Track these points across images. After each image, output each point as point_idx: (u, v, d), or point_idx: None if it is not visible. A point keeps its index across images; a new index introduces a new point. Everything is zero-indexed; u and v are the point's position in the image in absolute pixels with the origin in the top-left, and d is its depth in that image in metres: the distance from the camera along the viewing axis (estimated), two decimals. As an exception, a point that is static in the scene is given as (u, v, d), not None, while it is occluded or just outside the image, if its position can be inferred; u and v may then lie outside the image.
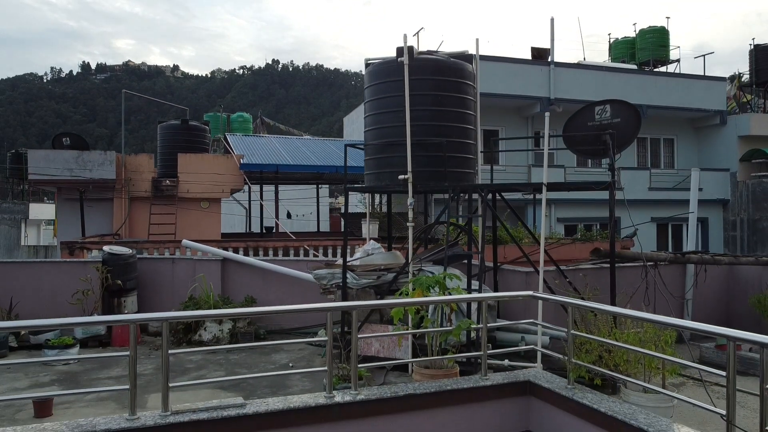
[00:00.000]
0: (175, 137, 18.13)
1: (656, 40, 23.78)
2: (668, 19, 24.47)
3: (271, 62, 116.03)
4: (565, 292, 8.14)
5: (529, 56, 20.09)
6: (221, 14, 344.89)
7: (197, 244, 11.63)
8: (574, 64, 20.66)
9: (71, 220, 16.21)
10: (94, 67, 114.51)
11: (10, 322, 8.85)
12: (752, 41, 24.70)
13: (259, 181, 18.94)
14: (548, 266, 8.38)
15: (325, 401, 3.93)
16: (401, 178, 7.94)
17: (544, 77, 18.80)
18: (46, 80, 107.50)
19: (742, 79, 25.86)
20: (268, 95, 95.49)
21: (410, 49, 8.04)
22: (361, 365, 4.47)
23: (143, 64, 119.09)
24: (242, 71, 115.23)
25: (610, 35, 26.23)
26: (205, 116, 30.32)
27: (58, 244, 15.64)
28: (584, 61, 22.43)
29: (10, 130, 74.82)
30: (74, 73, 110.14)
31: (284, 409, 3.81)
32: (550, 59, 19.18)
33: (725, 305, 11.00)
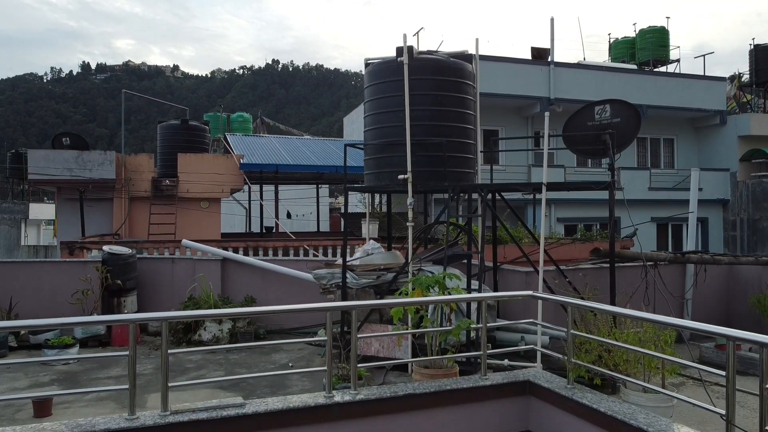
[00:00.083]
0: (175, 137, 18.14)
1: (656, 40, 23.78)
2: (668, 19, 24.49)
3: (271, 62, 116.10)
4: (564, 291, 8.14)
5: (529, 56, 20.09)
6: (221, 14, 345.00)
7: (197, 244, 11.63)
8: (574, 64, 20.66)
9: (71, 220, 16.21)
10: (94, 67, 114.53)
11: (9, 321, 8.85)
12: (752, 41, 24.74)
13: (259, 181, 18.95)
14: (548, 266, 8.38)
15: (324, 401, 3.93)
16: (401, 177, 7.94)
17: (544, 77, 18.80)
18: (46, 80, 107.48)
19: (742, 79, 25.87)
20: (268, 95, 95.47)
21: (410, 48, 8.04)
22: (360, 365, 4.47)
23: (143, 64, 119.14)
24: (242, 71, 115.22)
25: (610, 35, 26.26)
26: (205, 116, 30.31)
27: (58, 244, 15.65)
28: (584, 61, 22.43)
29: (10, 130, 74.81)
30: (74, 73, 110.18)
31: (284, 408, 3.81)
32: (550, 59, 19.18)
33: (725, 305, 11.00)
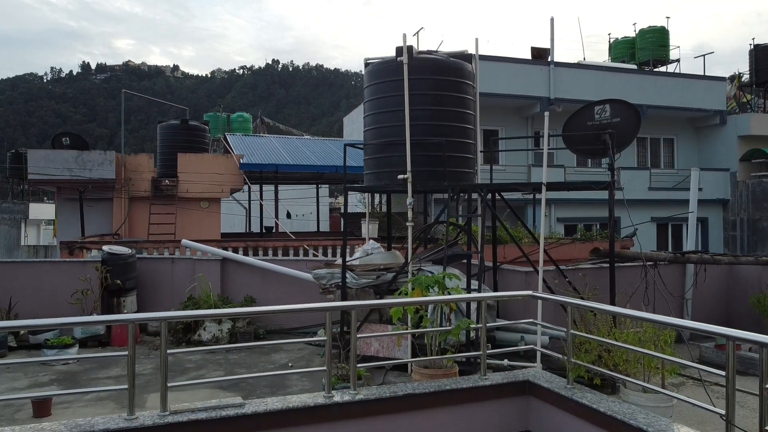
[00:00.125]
0: (174, 137, 18.14)
1: (656, 40, 23.77)
2: (668, 19, 24.48)
3: (271, 62, 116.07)
4: (564, 291, 8.13)
5: (529, 56, 20.09)
6: (221, 14, 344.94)
7: (197, 243, 11.63)
8: (574, 64, 20.65)
9: (71, 219, 16.21)
10: (94, 67, 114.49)
11: (9, 321, 8.84)
12: (752, 41, 24.73)
13: (258, 180, 18.95)
14: (548, 266, 8.38)
15: (324, 401, 3.93)
16: (401, 177, 7.94)
17: (544, 77, 18.79)
18: (46, 80, 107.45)
19: (742, 79, 25.86)
20: (268, 95, 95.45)
21: (409, 48, 8.03)
22: (360, 365, 4.47)
23: (143, 64, 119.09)
24: (242, 71, 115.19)
25: (610, 35, 26.25)
26: (204, 116, 30.30)
27: (57, 244, 15.64)
28: (584, 61, 22.42)
29: (10, 130, 74.79)
30: (74, 73, 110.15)
31: (283, 408, 3.80)
32: (550, 59, 19.17)
33: (725, 305, 11.00)
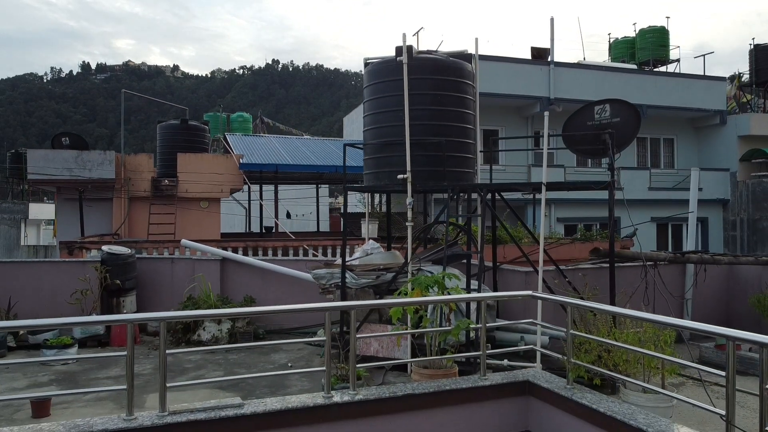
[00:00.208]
0: (174, 137, 18.14)
1: (656, 39, 23.76)
2: (668, 19, 24.48)
3: (271, 62, 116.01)
4: (564, 291, 8.12)
5: (529, 56, 20.08)
6: (221, 14, 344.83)
7: (196, 243, 11.62)
8: (574, 63, 20.65)
9: (71, 220, 16.20)
10: (94, 67, 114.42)
11: (8, 321, 8.83)
12: (752, 41, 24.72)
13: (258, 180, 18.94)
14: (548, 266, 8.37)
15: (323, 401, 3.92)
16: (400, 177, 7.93)
17: (543, 77, 18.78)
18: (46, 80, 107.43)
19: (742, 78, 25.86)
20: (268, 95, 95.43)
21: (409, 48, 8.02)
22: (359, 365, 4.46)
23: (143, 64, 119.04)
24: (242, 71, 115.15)
25: (610, 35, 26.25)
26: (204, 116, 30.31)
27: (57, 244, 15.63)
28: (584, 60, 22.41)
29: (10, 130, 74.78)
30: (74, 73, 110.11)
31: (282, 409, 3.80)
32: (550, 59, 19.16)
33: (725, 305, 10.99)
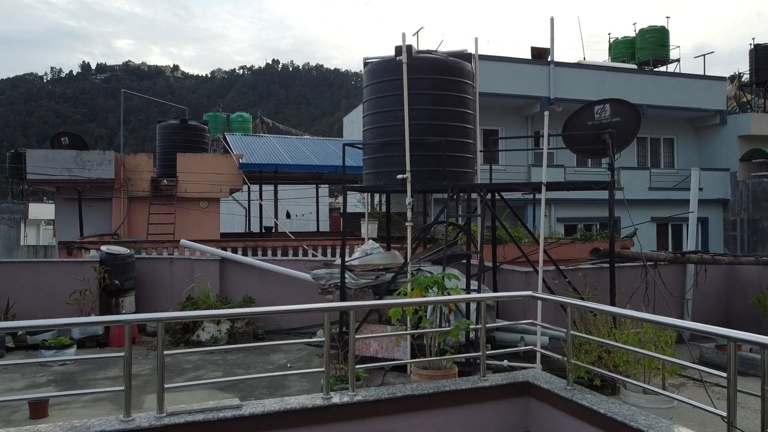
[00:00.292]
0: (174, 137, 18.13)
1: (656, 39, 23.74)
2: (668, 18, 24.46)
3: (271, 62, 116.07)
4: (564, 292, 8.10)
5: (528, 56, 20.07)
6: (221, 14, 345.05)
7: (195, 244, 11.60)
8: (574, 63, 20.63)
9: (70, 220, 16.18)
10: (94, 67, 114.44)
11: (6, 322, 8.80)
12: (752, 41, 24.70)
13: (258, 180, 18.92)
14: (548, 266, 8.35)
15: (322, 402, 3.90)
16: (400, 177, 7.91)
17: (543, 77, 18.76)
18: (46, 80, 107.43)
19: (742, 78, 25.84)
20: (268, 95, 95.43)
21: (409, 47, 8.00)
22: (359, 366, 4.43)
23: (143, 64, 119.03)
24: (242, 71, 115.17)
25: (610, 35, 26.23)
26: (204, 116, 30.29)
27: (56, 244, 15.61)
28: (584, 60, 22.40)
29: (10, 130, 74.81)
30: (74, 73, 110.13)
31: (281, 410, 3.77)
32: (549, 59, 19.14)
33: (725, 305, 10.97)
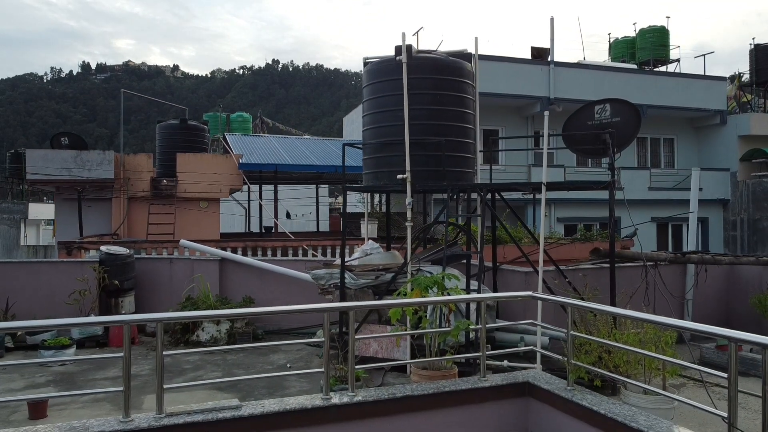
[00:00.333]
0: (173, 137, 18.11)
1: (656, 39, 23.73)
2: (668, 18, 24.45)
3: (271, 62, 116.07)
4: (564, 292, 8.09)
5: (528, 56, 20.05)
6: (221, 14, 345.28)
7: (195, 244, 11.59)
8: (574, 63, 20.61)
9: (70, 220, 16.16)
10: (94, 67, 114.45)
11: (5, 323, 8.79)
12: (752, 41, 24.68)
13: (258, 180, 18.90)
14: (548, 266, 8.33)
15: (321, 403, 3.89)
16: (400, 177, 7.90)
17: (543, 77, 18.75)
18: (46, 80, 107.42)
19: (742, 78, 25.82)
20: (268, 95, 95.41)
21: (408, 47, 7.99)
22: (358, 366, 4.42)
23: (143, 64, 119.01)
24: (242, 71, 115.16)
25: (610, 35, 26.22)
26: (204, 116, 30.28)
27: (56, 244, 15.60)
28: (584, 60, 22.38)
29: (10, 130, 74.81)
30: (74, 73, 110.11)
31: (280, 410, 3.77)
32: (549, 59, 19.13)
33: (725, 305, 10.96)
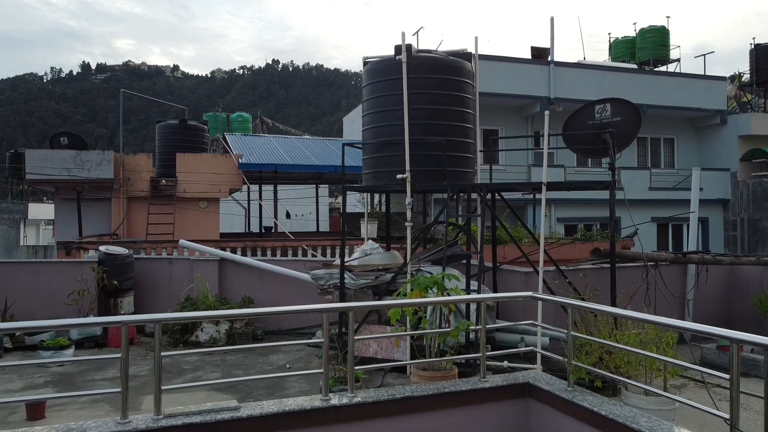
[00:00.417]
0: (173, 137, 18.09)
1: (656, 39, 23.71)
2: (668, 18, 24.44)
3: (271, 62, 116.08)
4: (564, 292, 8.07)
5: (529, 56, 20.03)
6: (221, 14, 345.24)
7: (194, 244, 11.56)
8: (574, 63, 20.59)
9: (69, 220, 16.14)
10: (94, 67, 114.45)
11: (4, 324, 8.76)
12: (753, 41, 24.67)
13: (258, 180, 18.88)
14: (548, 266, 8.31)
15: (320, 404, 3.86)
16: (400, 177, 7.87)
17: (544, 77, 18.72)
18: (46, 80, 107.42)
19: (742, 78, 25.79)
20: (268, 95, 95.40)
21: (408, 46, 7.96)
22: (358, 367, 4.40)
23: (143, 64, 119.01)
24: (242, 71, 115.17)
25: (610, 35, 26.20)
26: (204, 116, 30.25)
27: (55, 244, 15.57)
28: (584, 60, 22.36)
29: (10, 130, 74.79)
30: (74, 73, 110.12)
31: (279, 412, 3.74)
32: (550, 58, 19.10)
33: (726, 305, 10.93)
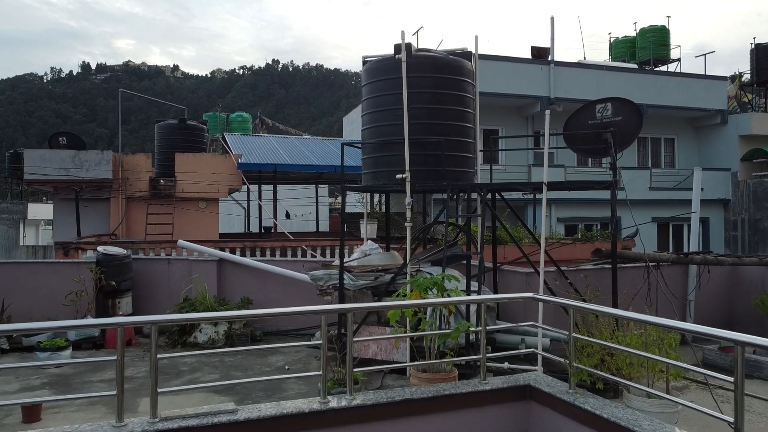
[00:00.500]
0: (172, 137, 18.05)
1: (657, 39, 23.68)
2: (669, 18, 24.42)
3: (271, 62, 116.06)
4: (565, 293, 8.02)
5: (529, 55, 19.99)
6: (221, 14, 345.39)
7: (193, 244, 11.51)
8: (574, 63, 20.55)
9: (68, 220, 16.09)
10: (94, 67, 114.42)
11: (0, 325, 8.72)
12: (753, 41, 24.62)
13: (257, 180, 18.83)
14: (549, 267, 8.26)
15: (319, 406, 3.81)
16: (399, 177, 7.83)
17: (544, 76, 18.68)
18: (46, 80, 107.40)
19: (743, 78, 25.75)
20: (268, 95, 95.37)
21: (408, 45, 7.92)
22: (357, 369, 4.34)
23: (143, 64, 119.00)
24: (242, 71, 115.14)
25: (610, 34, 26.21)
26: (204, 116, 30.19)
27: (53, 244, 15.52)
28: (585, 60, 22.32)
29: (10, 130, 74.79)
30: (74, 73, 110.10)
31: (277, 415, 3.69)
32: (550, 58, 19.07)
33: (728, 306, 10.88)
